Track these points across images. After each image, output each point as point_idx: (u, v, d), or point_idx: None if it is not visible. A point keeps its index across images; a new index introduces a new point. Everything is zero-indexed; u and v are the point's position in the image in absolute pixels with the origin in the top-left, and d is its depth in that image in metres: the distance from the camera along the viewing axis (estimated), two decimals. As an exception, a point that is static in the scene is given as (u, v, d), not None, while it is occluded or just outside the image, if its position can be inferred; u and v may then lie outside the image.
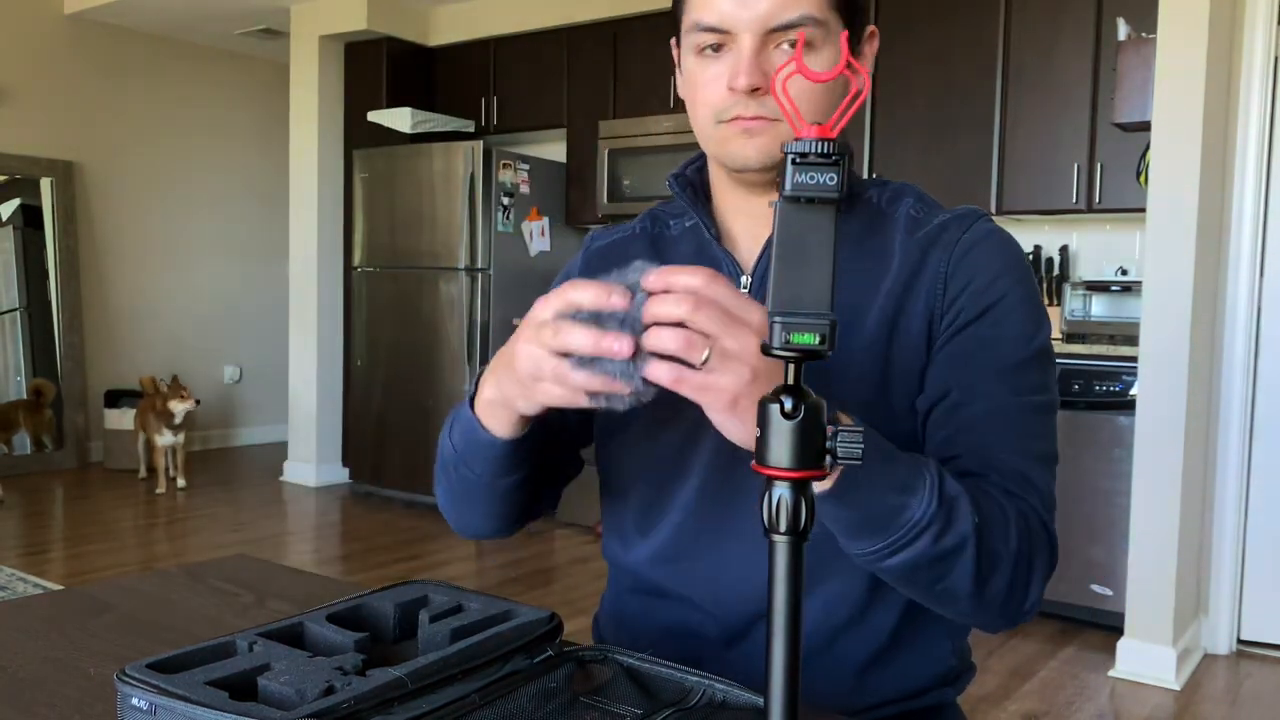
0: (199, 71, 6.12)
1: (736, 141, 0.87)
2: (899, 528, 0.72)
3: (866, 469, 0.68)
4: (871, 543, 0.73)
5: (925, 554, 0.74)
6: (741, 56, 0.83)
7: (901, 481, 0.72)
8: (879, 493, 0.71)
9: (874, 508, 0.71)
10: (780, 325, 0.47)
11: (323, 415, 5.33)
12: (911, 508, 0.72)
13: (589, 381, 0.65)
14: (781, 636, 0.49)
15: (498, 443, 0.82)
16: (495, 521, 0.93)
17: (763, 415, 0.49)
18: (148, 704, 0.60)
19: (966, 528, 0.74)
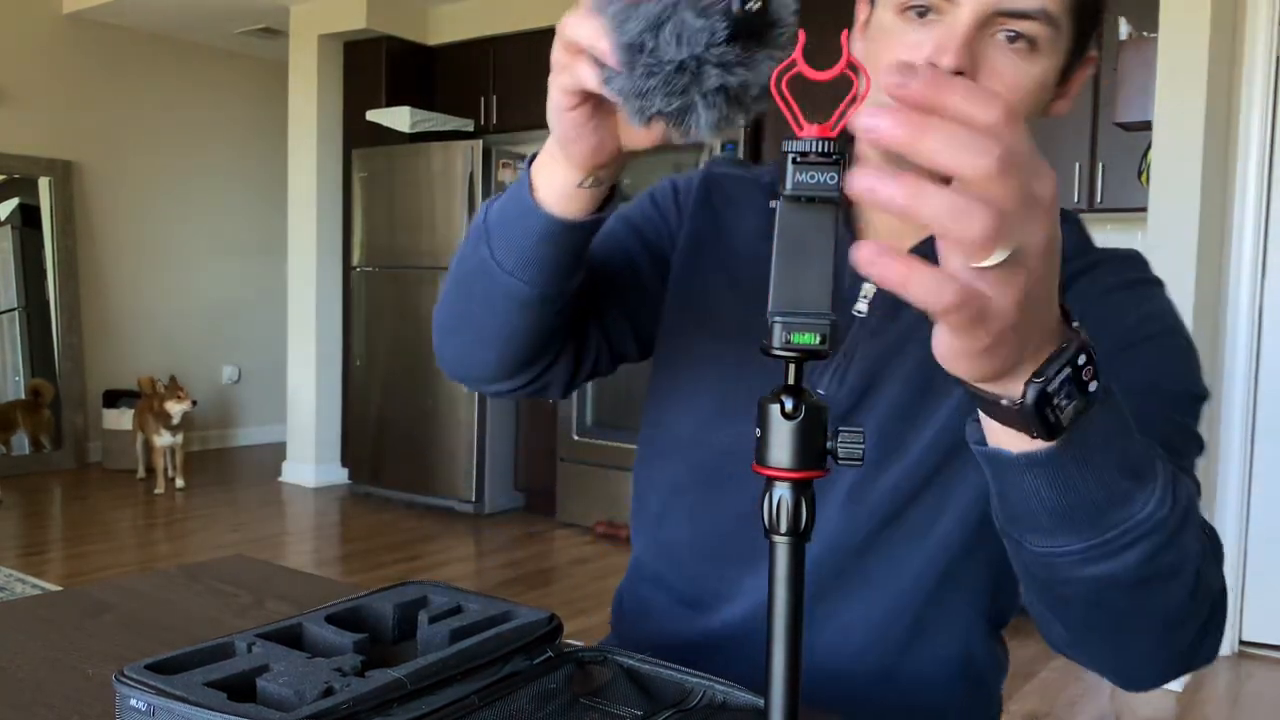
0: (198, 71, 6.12)
1: None
2: (1116, 524, 0.56)
3: (1102, 437, 0.53)
4: (1076, 539, 0.56)
5: (1135, 568, 0.57)
6: (954, 32, 0.71)
7: (1133, 464, 0.55)
8: (1107, 472, 0.54)
9: (1094, 492, 0.54)
10: (780, 325, 0.47)
11: (322, 415, 5.33)
12: (1137, 502, 0.56)
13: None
14: (782, 638, 0.49)
15: (539, 212, 0.71)
16: (492, 348, 0.81)
17: (762, 416, 0.48)
18: (146, 705, 0.59)
19: (1194, 547, 0.59)
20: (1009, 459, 0.53)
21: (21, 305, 5.55)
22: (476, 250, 0.77)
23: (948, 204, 0.40)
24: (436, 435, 4.80)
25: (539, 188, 0.71)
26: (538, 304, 0.76)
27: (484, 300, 0.78)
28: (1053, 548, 0.57)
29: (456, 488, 4.75)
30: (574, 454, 4.54)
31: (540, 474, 4.72)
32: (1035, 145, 0.42)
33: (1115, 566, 0.56)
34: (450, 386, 4.74)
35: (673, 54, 0.50)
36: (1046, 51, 0.74)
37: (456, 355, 0.84)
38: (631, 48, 0.51)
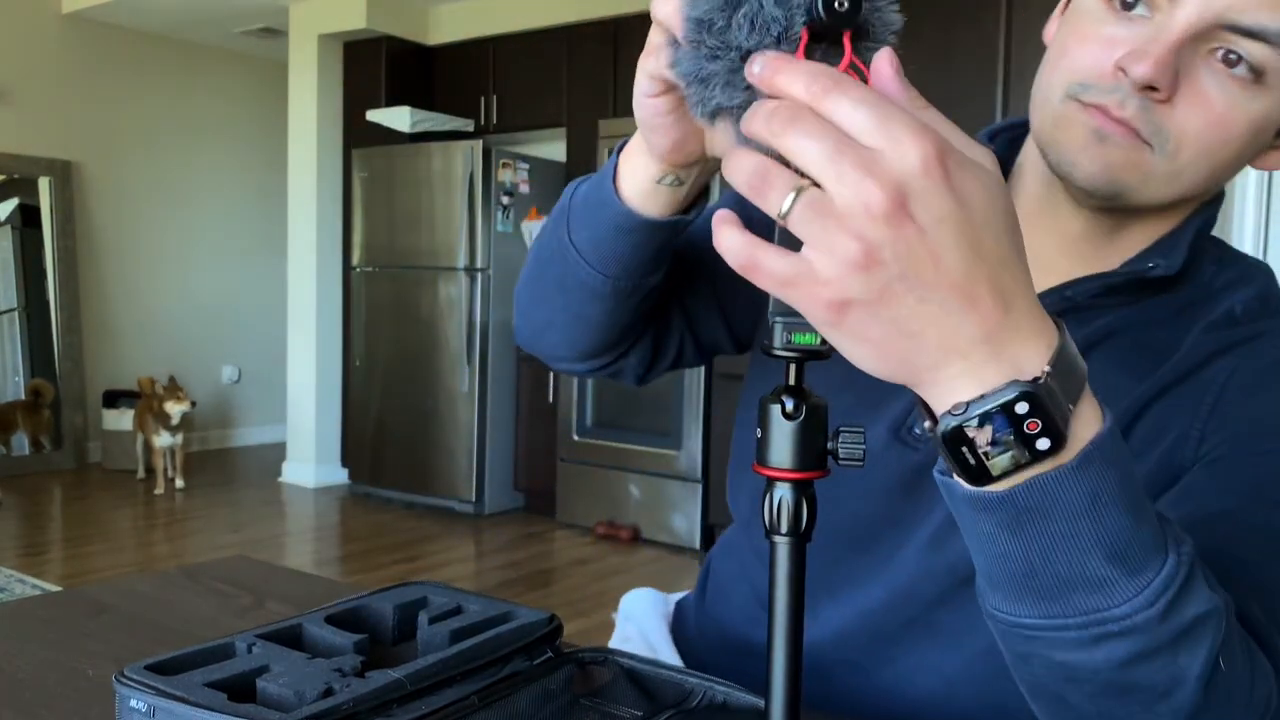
0: (197, 71, 6.12)
1: (1077, 136, 0.65)
2: (1083, 611, 0.47)
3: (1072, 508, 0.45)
4: (1035, 611, 0.48)
5: (1104, 670, 0.48)
6: (1162, 37, 0.60)
7: (1123, 548, 0.46)
8: (1077, 548, 0.45)
9: (1059, 565, 0.46)
10: (781, 326, 0.47)
11: (321, 416, 5.33)
12: (1118, 594, 0.46)
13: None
14: (782, 639, 0.49)
15: (617, 204, 0.66)
16: (564, 331, 0.78)
17: (763, 416, 0.48)
18: (146, 705, 0.59)
19: (1195, 670, 0.49)
20: (960, 494, 0.47)
21: (21, 305, 5.55)
22: (557, 231, 0.73)
23: (740, 160, 0.42)
24: (436, 435, 4.80)
25: (623, 177, 0.67)
26: (611, 296, 0.73)
27: (558, 284, 0.75)
28: (1012, 615, 0.49)
29: (456, 488, 4.75)
30: (574, 454, 4.54)
31: (540, 474, 4.72)
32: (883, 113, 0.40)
33: (1080, 658, 0.48)
34: (450, 386, 4.75)
35: (742, 39, 0.46)
36: (1275, 84, 0.62)
37: (532, 332, 0.82)
38: (701, 23, 0.47)
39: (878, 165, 0.39)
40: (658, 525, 4.29)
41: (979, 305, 0.41)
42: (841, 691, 0.77)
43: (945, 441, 0.44)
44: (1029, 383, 0.42)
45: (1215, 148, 0.64)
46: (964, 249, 0.40)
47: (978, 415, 0.43)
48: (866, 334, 0.42)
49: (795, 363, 0.48)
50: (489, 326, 4.68)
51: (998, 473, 0.44)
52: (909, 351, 0.42)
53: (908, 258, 0.40)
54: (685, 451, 4.19)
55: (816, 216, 0.40)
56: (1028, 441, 0.43)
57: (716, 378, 4.13)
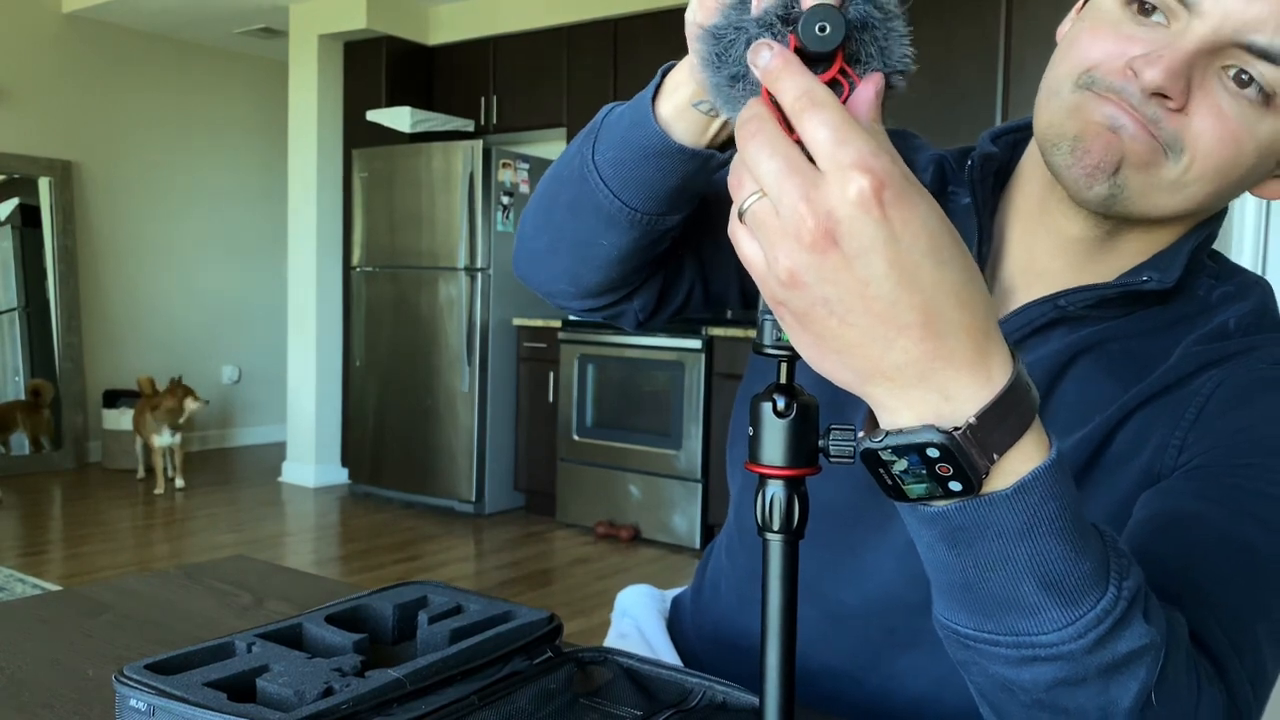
0: (197, 71, 6.12)
1: (1092, 123, 0.62)
2: (1014, 632, 0.48)
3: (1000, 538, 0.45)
4: (969, 620, 0.49)
5: (1031, 689, 0.49)
6: (1178, 46, 0.59)
7: (1058, 578, 0.46)
8: (1009, 572, 0.46)
9: (992, 585, 0.47)
10: (771, 323, 0.48)
11: (321, 415, 5.33)
12: (1048, 620, 0.47)
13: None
14: (776, 637, 0.49)
15: (651, 124, 0.64)
16: (567, 259, 0.75)
17: (755, 414, 0.49)
18: (146, 705, 0.60)
19: (1123, 701, 0.49)
20: (903, 503, 0.48)
21: (21, 305, 5.55)
22: (581, 150, 0.70)
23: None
24: (436, 435, 4.80)
25: (663, 95, 0.65)
26: (625, 226, 0.70)
27: (571, 207, 0.72)
28: (952, 622, 0.50)
29: (456, 488, 4.76)
30: (574, 454, 4.54)
31: (540, 474, 4.72)
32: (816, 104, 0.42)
33: (1011, 674, 0.49)
34: (450, 386, 4.74)
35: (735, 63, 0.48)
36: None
37: (531, 260, 0.78)
38: (715, 39, 0.49)
39: (816, 191, 0.41)
40: (658, 525, 4.29)
41: (906, 333, 0.42)
42: (830, 696, 0.77)
43: (864, 460, 0.46)
44: (945, 433, 0.43)
45: (1226, 165, 0.62)
46: (894, 279, 0.41)
47: (890, 447, 0.44)
48: (799, 338, 0.45)
49: (785, 361, 0.48)
50: (489, 326, 4.68)
51: (914, 497, 0.46)
52: (839, 365, 0.44)
53: (831, 283, 0.42)
54: (685, 451, 4.20)
55: (760, 226, 0.43)
56: (939, 480, 0.45)
57: (716, 378, 4.13)
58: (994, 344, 0.44)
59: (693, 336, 4.16)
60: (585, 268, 0.75)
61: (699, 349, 4.14)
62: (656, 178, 0.67)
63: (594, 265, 0.74)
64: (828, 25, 0.44)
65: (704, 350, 4.14)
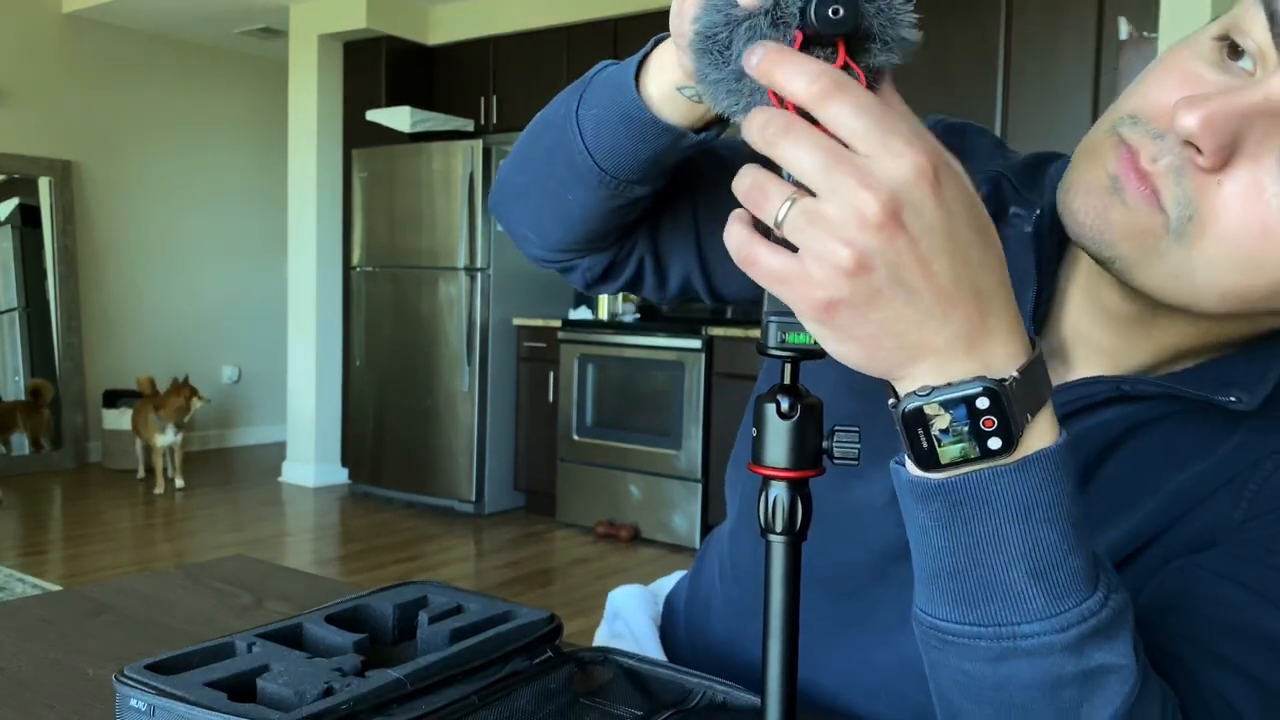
0: (197, 71, 6.13)
1: (1092, 176, 0.55)
2: (995, 621, 0.47)
3: (1006, 510, 0.45)
4: (948, 610, 0.49)
5: (1001, 688, 0.48)
6: (1234, 97, 0.49)
7: (1048, 567, 0.46)
8: (1003, 555, 0.46)
9: (981, 567, 0.47)
10: (775, 325, 0.47)
11: (321, 415, 5.34)
12: (1032, 610, 0.46)
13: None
14: (778, 637, 0.49)
15: (632, 92, 0.62)
16: (531, 202, 0.74)
17: (758, 415, 0.49)
18: (146, 705, 0.59)
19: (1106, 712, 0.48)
20: (904, 479, 0.48)
21: (21, 305, 5.56)
22: (568, 100, 0.69)
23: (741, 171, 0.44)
24: (436, 435, 4.80)
25: (649, 71, 0.62)
26: (594, 186, 0.68)
27: (548, 154, 0.71)
28: (928, 613, 0.50)
29: (456, 488, 4.76)
30: (574, 454, 4.54)
31: (540, 474, 4.72)
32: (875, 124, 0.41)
33: (985, 671, 0.48)
34: (450, 386, 4.75)
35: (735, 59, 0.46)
36: None
37: (502, 197, 0.78)
38: (708, 39, 0.47)
39: (872, 175, 0.41)
40: (657, 525, 4.29)
41: (960, 308, 0.43)
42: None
43: (904, 420, 0.46)
44: (995, 381, 0.44)
45: (1247, 259, 0.51)
46: (952, 256, 0.43)
47: (940, 400, 0.45)
48: (854, 333, 0.44)
49: (790, 362, 0.48)
50: (489, 326, 4.68)
51: (945, 460, 0.45)
52: (892, 349, 0.44)
53: (898, 264, 0.42)
54: (685, 451, 4.20)
55: (809, 224, 0.42)
56: (980, 437, 0.45)
57: (716, 378, 4.13)
58: (1020, 318, 0.46)
59: (693, 336, 4.16)
60: (549, 219, 0.74)
61: (699, 349, 4.14)
62: (629, 145, 0.65)
63: (558, 219, 0.73)
64: (841, 8, 0.43)
65: (704, 350, 4.14)
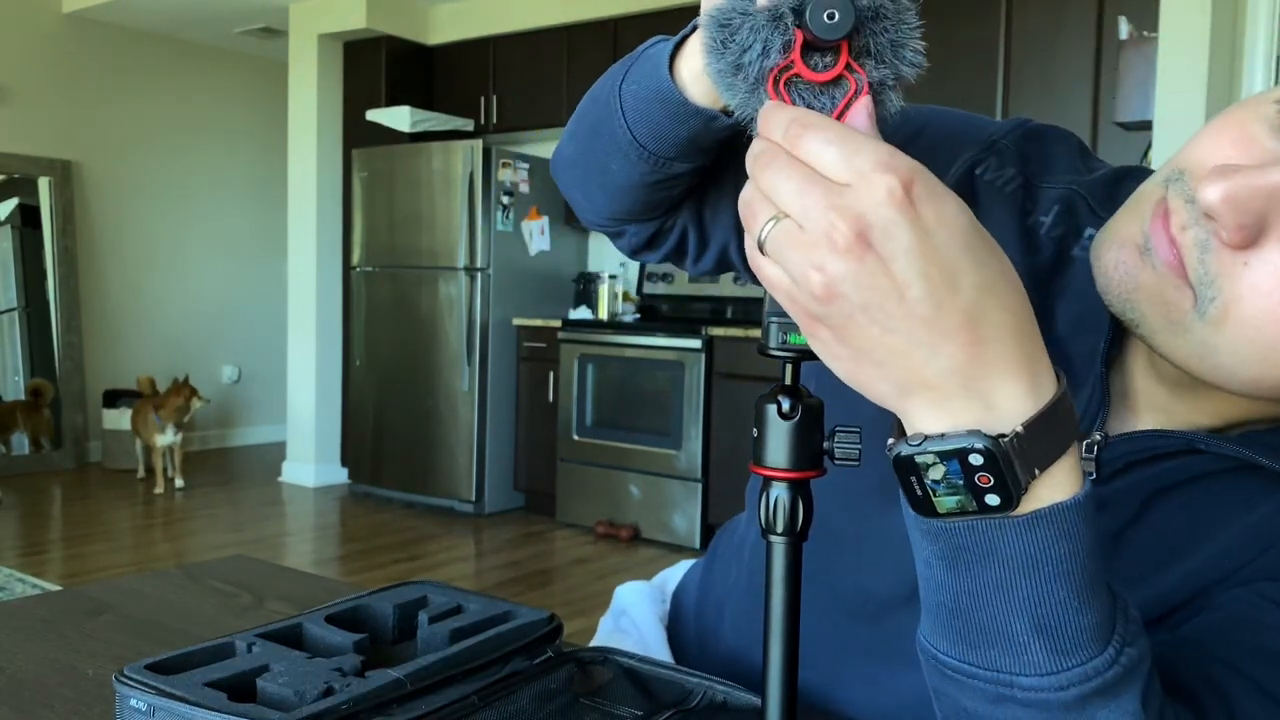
0: (197, 71, 6.12)
1: (1127, 229, 0.54)
2: (994, 667, 0.45)
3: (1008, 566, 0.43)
4: (949, 645, 0.47)
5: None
6: (1267, 174, 0.47)
7: (1052, 623, 0.44)
8: (1005, 605, 0.44)
9: (982, 615, 0.45)
10: (777, 326, 0.47)
11: (321, 415, 5.33)
12: (1032, 662, 0.44)
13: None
14: (779, 637, 0.49)
15: (663, 71, 0.63)
16: (578, 170, 0.77)
17: (759, 415, 0.49)
18: (146, 705, 0.59)
19: None
20: (909, 513, 0.46)
21: (21, 305, 5.55)
22: (616, 75, 0.70)
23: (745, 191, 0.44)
24: (436, 435, 4.80)
25: (683, 55, 0.63)
26: (634, 159, 0.69)
27: (593, 127, 0.72)
28: (933, 646, 0.48)
29: (456, 488, 4.75)
30: (574, 454, 4.54)
31: (540, 474, 4.72)
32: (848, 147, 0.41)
33: (983, 711, 0.46)
34: (450, 386, 4.74)
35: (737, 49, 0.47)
36: None
37: (560, 165, 0.79)
38: (722, 25, 0.47)
39: (841, 198, 0.40)
40: (657, 525, 4.29)
41: (950, 339, 0.40)
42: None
43: (896, 467, 0.43)
44: (992, 439, 0.41)
45: (1273, 349, 0.49)
46: (935, 280, 0.40)
47: (932, 453, 0.42)
48: (836, 354, 0.43)
49: (791, 363, 0.48)
50: (489, 326, 4.68)
51: (942, 510, 0.43)
52: (876, 377, 0.43)
53: (870, 289, 0.40)
54: (685, 451, 4.19)
55: (785, 246, 0.42)
56: (977, 492, 0.42)
57: (717, 378, 4.13)
58: (1038, 351, 0.42)
59: (693, 336, 4.16)
60: (594, 187, 0.76)
61: (699, 349, 4.14)
62: (665, 124, 0.66)
63: (604, 189, 0.75)
64: (836, 13, 0.43)
65: (704, 350, 4.14)
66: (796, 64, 0.46)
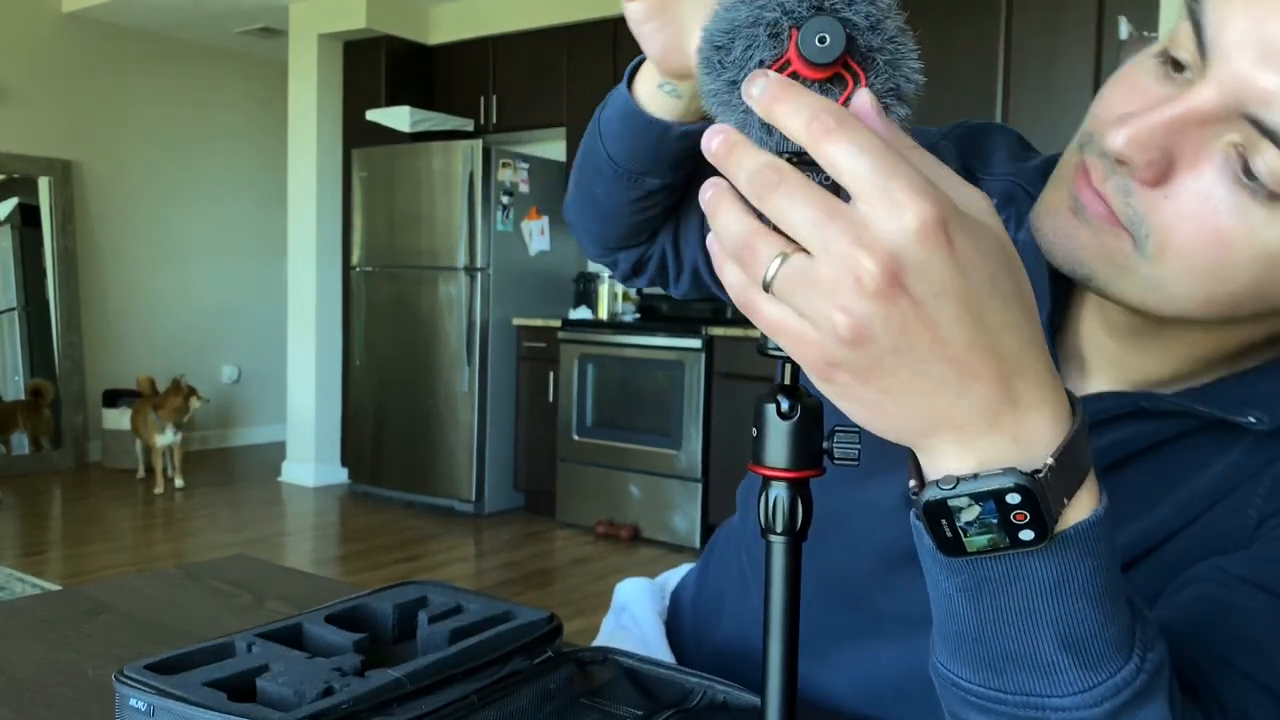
0: (197, 70, 6.13)
1: (1058, 197, 0.56)
2: (1021, 691, 0.44)
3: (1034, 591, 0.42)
4: (972, 673, 0.46)
5: None
6: (1162, 110, 0.49)
7: (1080, 639, 0.43)
8: (1032, 629, 0.43)
9: (1008, 641, 0.44)
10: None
11: (321, 415, 5.33)
12: (1063, 683, 0.44)
13: None
14: (778, 637, 0.49)
15: (624, 90, 0.71)
16: (584, 205, 0.83)
17: (758, 415, 0.49)
18: (146, 705, 0.59)
19: None
20: (927, 546, 0.44)
21: (21, 305, 5.55)
22: (600, 107, 0.78)
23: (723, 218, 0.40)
24: (436, 435, 4.80)
25: (640, 73, 0.71)
26: (611, 178, 0.77)
27: (585, 154, 0.80)
28: (949, 670, 0.47)
29: (456, 488, 4.76)
30: (574, 454, 4.54)
31: (540, 474, 4.72)
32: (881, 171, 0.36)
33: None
34: (450, 386, 4.74)
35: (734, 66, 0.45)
36: None
37: (566, 202, 0.87)
38: (718, 47, 0.46)
39: (869, 232, 0.36)
40: (658, 525, 4.29)
41: (979, 378, 0.39)
42: None
43: (926, 511, 0.42)
44: (1027, 475, 0.40)
45: (1213, 268, 0.51)
46: (965, 320, 0.38)
47: (966, 495, 0.41)
48: (855, 396, 0.40)
49: (789, 362, 0.48)
50: (489, 326, 4.68)
51: (972, 550, 0.42)
52: (900, 418, 0.41)
53: (901, 332, 0.37)
54: (685, 451, 4.20)
55: (800, 287, 0.38)
56: (1011, 530, 0.41)
57: (716, 377, 4.13)
58: (1055, 379, 0.41)
59: (693, 336, 4.16)
60: (590, 216, 0.83)
61: (699, 349, 4.14)
62: (630, 139, 0.73)
63: (595, 214, 0.82)
64: (828, 36, 0.43)
65: (704, 350, 4.14)
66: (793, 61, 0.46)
